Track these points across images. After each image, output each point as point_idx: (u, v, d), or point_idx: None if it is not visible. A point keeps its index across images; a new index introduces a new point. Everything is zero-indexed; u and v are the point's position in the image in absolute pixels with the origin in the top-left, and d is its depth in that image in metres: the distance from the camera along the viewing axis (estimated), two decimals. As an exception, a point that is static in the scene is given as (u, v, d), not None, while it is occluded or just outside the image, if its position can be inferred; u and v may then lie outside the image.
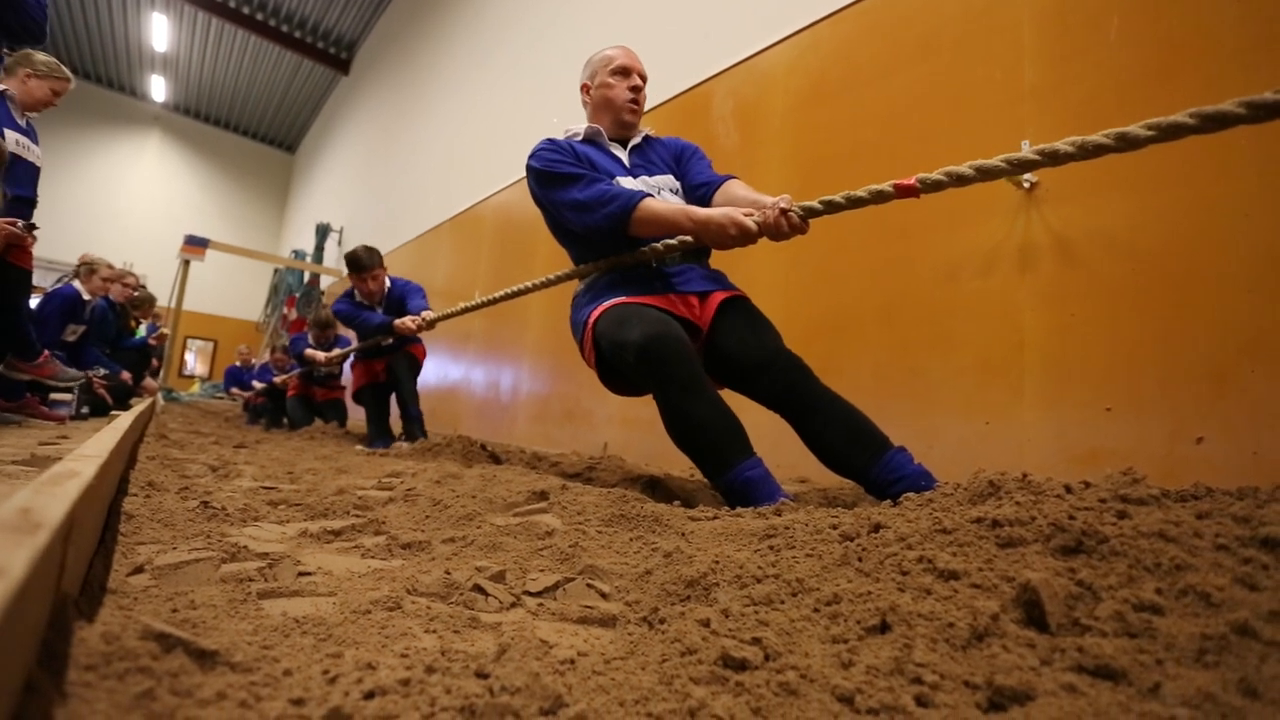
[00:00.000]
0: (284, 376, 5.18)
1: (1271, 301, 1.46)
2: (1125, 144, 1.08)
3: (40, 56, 2.90)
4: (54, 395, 3.42)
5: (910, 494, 1.00)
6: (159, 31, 11.08)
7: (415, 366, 3.70)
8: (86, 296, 4.08)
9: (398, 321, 3.25)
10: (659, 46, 3.53)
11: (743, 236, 1.49)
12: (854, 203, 1.41)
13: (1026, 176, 1.89)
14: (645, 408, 3.18)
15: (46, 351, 3.34)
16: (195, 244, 8.48)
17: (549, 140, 1.81)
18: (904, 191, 1.33)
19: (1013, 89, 2.00)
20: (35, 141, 2.92)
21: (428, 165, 7.04)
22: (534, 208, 1.91)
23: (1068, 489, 0.81)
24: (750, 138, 2.96)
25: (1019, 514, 0.71)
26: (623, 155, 1.88)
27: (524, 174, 1.83)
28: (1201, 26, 1.63)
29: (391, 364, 3.64)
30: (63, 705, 0.36)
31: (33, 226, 2.74)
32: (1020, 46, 2.00)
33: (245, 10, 10.44)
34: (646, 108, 3.54)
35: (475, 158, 5.88)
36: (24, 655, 0.36)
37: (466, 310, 2.79)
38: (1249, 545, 0.60)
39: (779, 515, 1.09)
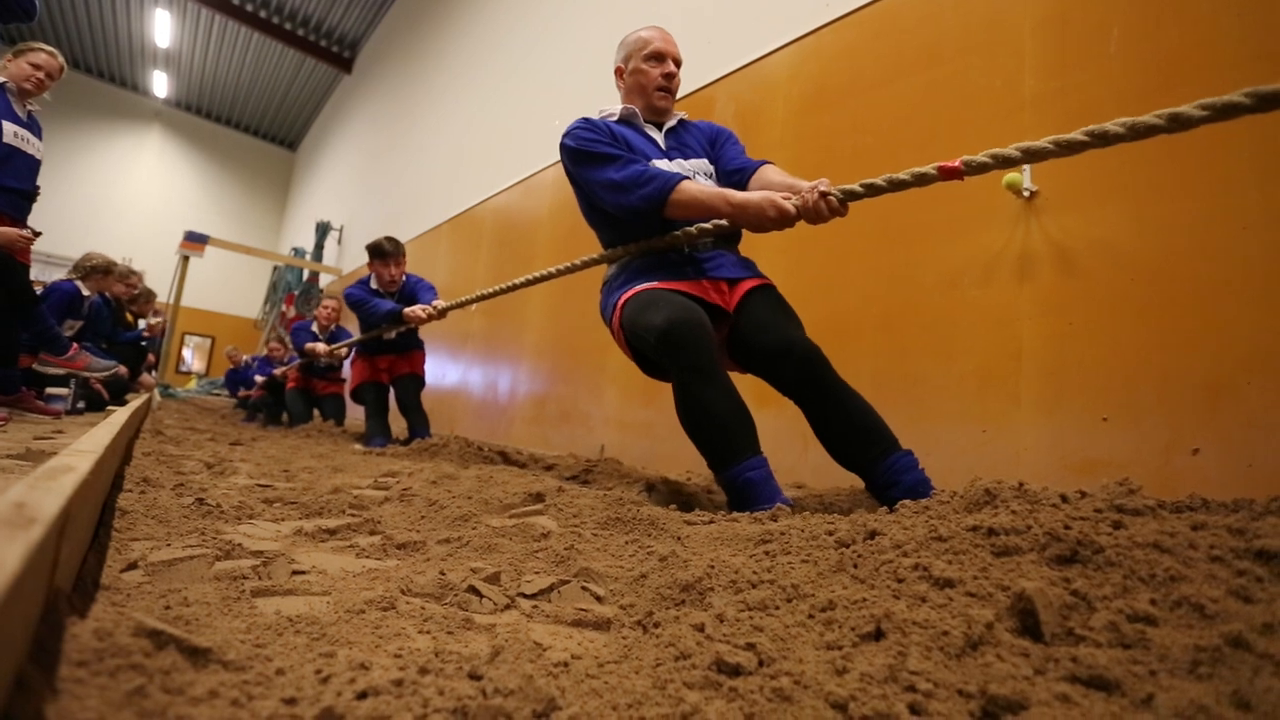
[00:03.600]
0: (284, 369, 5.16)
1: (1270, 314, 1.46)
2: (1177, 125, 1.03)
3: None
4: (50, 389, 3.43)
5: (906, 501, 1.00)
6: (161, 27, 11.08)
7: (420, 385, 3.77)
8: (86, 292, 4.08)
9: (407, 310, 3.24)
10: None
11: (781, 219, 1.48)
12: (895, 185, 1.38)
13: (1027, 186, 1.89)
14: (642, 411, 3.18)
15: (75, 344, 3.40)
16: (195, 240, 8.48)
17: (585, 119, 1.78)
18: (948, 174, 1.30)
19: (1013, 98, 2.00)
20: (37, 134, 2.91)
21: (428, 165, 7.04)
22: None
23: (1064, 498, 0.81)
24: (751, 143, 2.95)
25: (1015, 523, 0.71)
26: (658, 137, 1.86)
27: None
28: (1201, 38, 1.64)
29: (397, 389, 3.73)
30: (54, 701, 0.36)
31: (36, 234, 2.83)
32: (1021, 56, 2.01)
33: (249, 7, 10.44)
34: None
35: (476, 159, 5.88)
36: (16, 650, 0.36)
37: (482, 298, 2.75)
38: (1244, 557, 0.60)
39: (775, 520, 1.09)
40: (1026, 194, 1.90)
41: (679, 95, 3.37)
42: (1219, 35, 1.61)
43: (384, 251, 3.60)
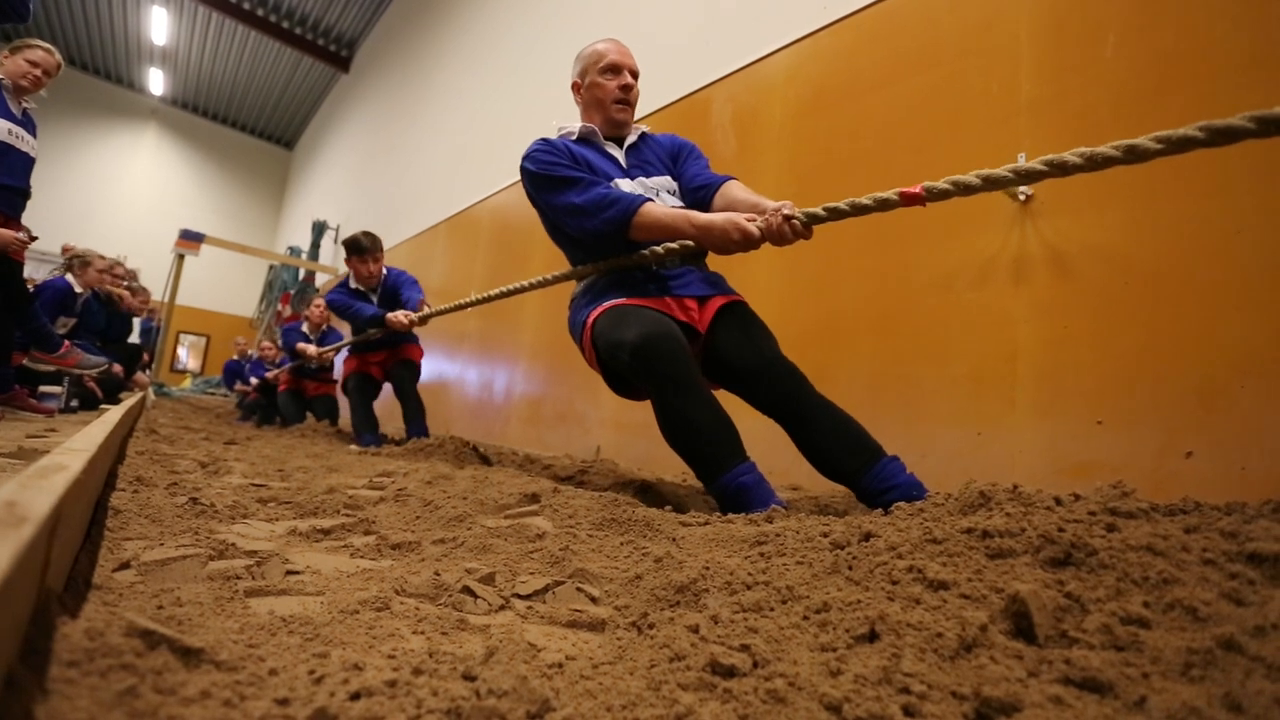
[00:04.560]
0: (276, 371, 5.14)
1: (1263, 318, 1.47)
2: (1133, 157, 1.07)
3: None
4: (43, 388, 3.42)
5: (901, 503, 1.00)
6: (158, 24, 11.05)
7: (415, 373, 3.69)
8: (79, 289, 4.06)
9: (390, 316, 3.21)
10: (660, 49, 3.54)
11: (745, 242, 1.48)
12: (858, 210, 1.40)
13: (1022, 188, 1.90)
14: (638, 412, 3.18)
15: (67, 341, 3.40)
16: (190, 239, 8.45)
17: (543, 141, 1.77)
18: (909, 199, 1.32)
19: (1009, 102, 2.01)
20: (32, 132, 2.90)
21: (426, 165, 7.03)
22: (531, 211, 1.91)
23: (1058, 501, 0.81)
24: (748, 145, 2.97)
25: (1009, 525, 0.71)
26: (619, 155, 1.85)
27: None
28: (1196, 43, 1.65)
29: (393, 377, 3.65)
30: (44, 702, 0.36)
31: (33, 237, 2.83)
32: (1017, 60, 2.01)
33: (246, 5, 10.41)
34: (647, 111, 3.52)
35: (473, 159, 5.88)
36: (6, 650, 0.35)
37: (461, 307, 2.78)
38: (1236, 560, 0.60)
39: (770, 522, 1.09)
40: (1022, 197, 1.91)
41: (672, 99, 3.38)
42: (1215, 40, 1.62)
43: (360, 247, 3.52)
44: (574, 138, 1.84)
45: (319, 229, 10.23)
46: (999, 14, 2.09)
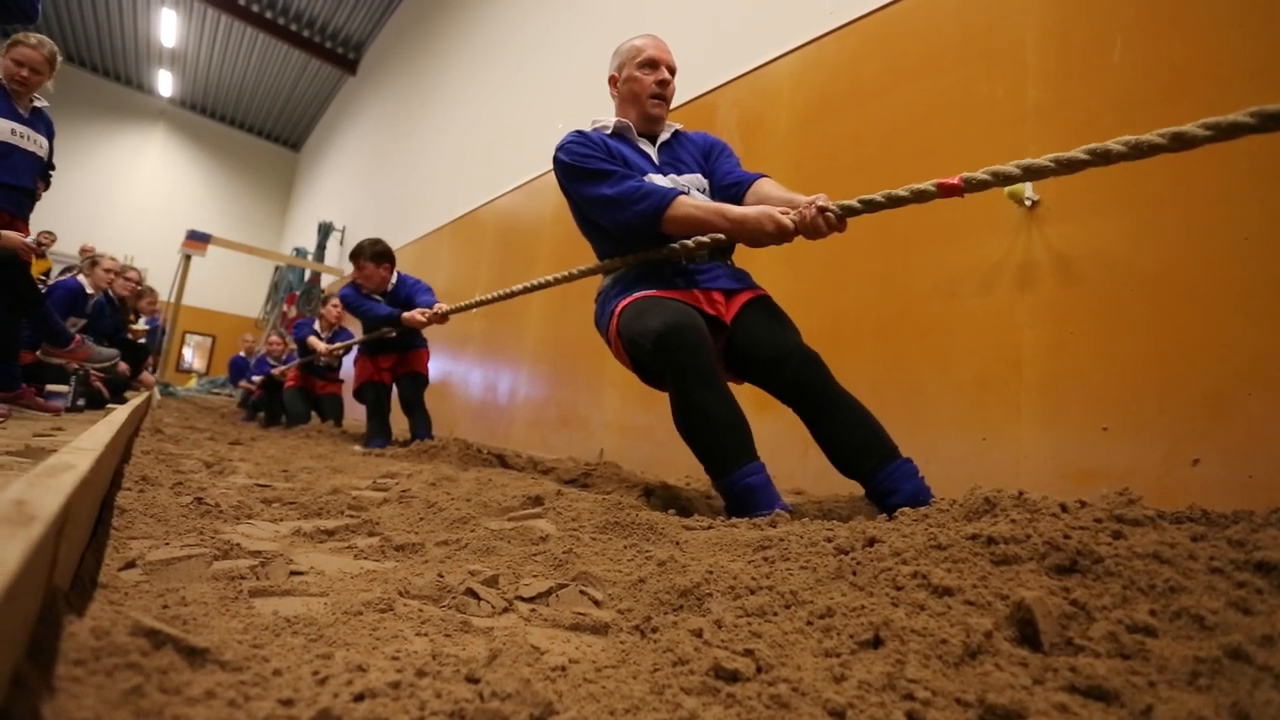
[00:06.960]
0: (283, 368, 5.14)
1: (1270, 325, 1.46)
2: (1180, 144, 1.03)
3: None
4: (50, 387, 3.44)
5: (906, 509, 1.00)
6: (167, 27, 11.13)
7: (423, 385, 3.70)
8: (90, 290, 4.09)
9: (406, 315, 3.18)
10: (665, 56, 3.54)
11: (779, 235, 1.47)
12: (894, 202, 1.37)
13: (1028, 195, 1.90)
14: (642, 415, 3.18)
15: (79, 336, 3.42)
16: (197, 239, 8.49)
17: (578, 133, 1.77)
18: (947, 190, 1.29)
19: (1015, 108, 2.01)
20: (42, 131, 2.88)
21: (431, 167, 7.06)
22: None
23: (1063, 508, 0.81)
24: (754, 150, 2.97)
25: (1014, 532, 0.70)
26: (651, 152, 1.84)
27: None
28: (1203, 51, 1.64)
29: (401, 390, 3.66)
30: (50, 700, 0.36)
31: (40, 243, 2.83)
32: (1023, 66, 2.01)
33: (254, 8, 10.48)
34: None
35: (478, 161, 5.89)
36: (13, 648, 0.36)
37: (481, 303, 2.75)
38: (1243, 569, 0.60)
39: (774, 526, 1.09)
40: (1028, 203, 1.90)
41: (677, 103, 3.38)
42: (1221, 48, 1.61)
43: (380, 253, 3.55)
44: (608, 131, 1.83)
45: (324, 230, 10.26)
46: (1004, 19, 2.09)
